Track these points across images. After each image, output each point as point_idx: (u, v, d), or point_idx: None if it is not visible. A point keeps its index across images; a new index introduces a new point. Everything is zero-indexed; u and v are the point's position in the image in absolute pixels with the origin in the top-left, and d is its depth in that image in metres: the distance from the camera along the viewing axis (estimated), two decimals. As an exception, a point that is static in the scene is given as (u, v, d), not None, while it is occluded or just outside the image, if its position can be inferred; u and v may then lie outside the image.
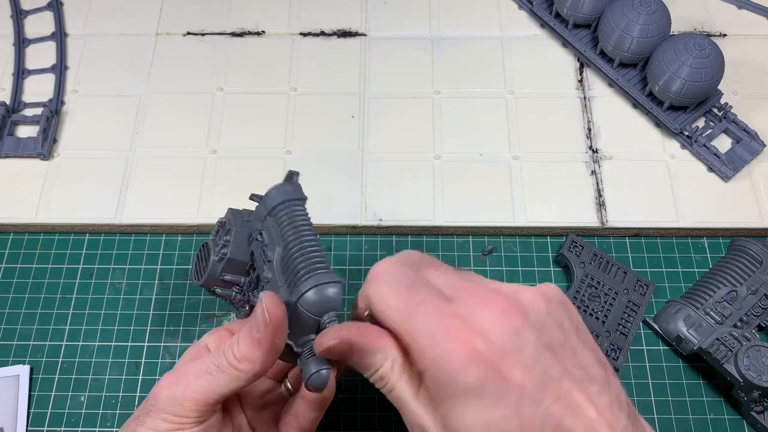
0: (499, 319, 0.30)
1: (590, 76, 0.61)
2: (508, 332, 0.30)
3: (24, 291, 0.52)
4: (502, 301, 0.31)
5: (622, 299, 0.50)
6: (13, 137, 0.57)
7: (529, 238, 0.54)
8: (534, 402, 0.29)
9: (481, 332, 0.30)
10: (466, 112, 0.59)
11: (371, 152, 0.57)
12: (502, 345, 0.30)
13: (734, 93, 0.59)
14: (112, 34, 0.63)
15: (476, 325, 0.30)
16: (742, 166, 0.55)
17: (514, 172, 0.56)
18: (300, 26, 0.64)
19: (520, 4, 0.64)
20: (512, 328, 0.30)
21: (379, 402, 0.47)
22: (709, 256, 0.53)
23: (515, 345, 0.30)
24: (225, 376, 0.34)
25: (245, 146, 0.57)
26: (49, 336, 0.50)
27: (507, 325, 0.30)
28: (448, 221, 0.53)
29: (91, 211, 0.54)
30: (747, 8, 0.64)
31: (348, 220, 0.54)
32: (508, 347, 0.30)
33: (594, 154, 0.57)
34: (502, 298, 0.31)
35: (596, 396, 0.30)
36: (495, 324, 0.30)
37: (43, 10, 0.64)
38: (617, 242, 0.54)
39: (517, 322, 0.30)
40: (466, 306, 0.31)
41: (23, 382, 0.48)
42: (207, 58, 0.61)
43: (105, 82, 0.60)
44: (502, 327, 0.30)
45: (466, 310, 0.31)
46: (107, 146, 0.57)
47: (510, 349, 0.30)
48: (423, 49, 0.62)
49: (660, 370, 0.49)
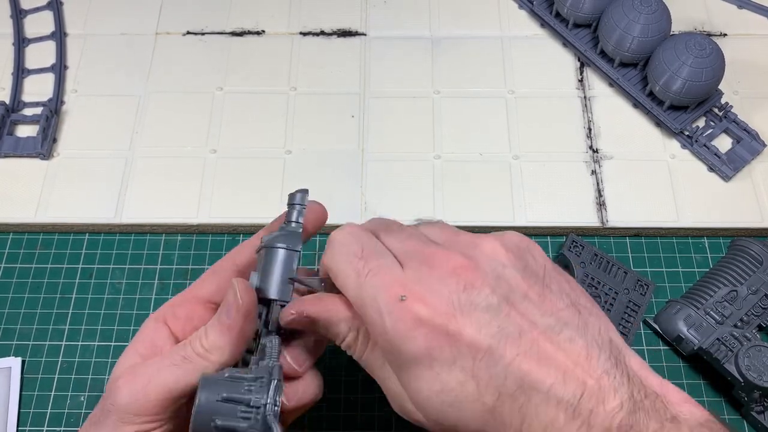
0: (447, 279, 0.29)
1: (590, 75, 0.61)
2: (456, 291, 0.29)
3: (23, 291, 0.52)
4: (451, 259, 0.30)
5: (622, 299, 0.50)
6: (12, 137, 0.57)
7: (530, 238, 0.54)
8: (491, 361, 0.27)
9: (426, 297, 0.29)
10: (466, 112, 0.59)
11: (371, 152, 0.57)
12: (448, 306, 0.28)
13: (735, 93, 0.59)
14: (111, 33, 0.63)
15: (421, 290, 0.29)
16: (742, 166, 0.55)
17: (514, 172, 0.56)
18: (300, 26, 0.63)
19: (520, 4, 0.64)
20: (462, 285, 0.29)
21: (379, 401, 0.47)
22: (709, 256, 0.53)
23: (465, 303, 0.28)
24: (192, 367, 0.31)
25: (245, 146, 0.57)
26: (49, 336, 0.50)
27: (455, 284, 0.29)
28: (449, 221, 0.53)
29: (90, 211, 0.54)
30: (747, 8, 0.64)
31: (348, 220, 0.53)
32: (457, 307, 0.28)
33: (594, 154, 0.57)
34: (451, 256, 0.30)
35: (567, 342, 0.28)
36: (442, 285, 0.29)
37: (42, 10, 0.64)
38: (617, 242, 0.54)
39: (467, 278, 0.29)
40: (413, 271, 0.30)
41: (15, 374, 0.48)
42: (207, 58, 0.61)
43: (105, 82, 0.60)
44: (449, 287, 0.29)
45: (413, 274, 0.30)
46: (107, 146, 0.57)
47: (459, 309, 0.28)
48: (423, 49, 0.62)
49: (660, 370, 0.49)
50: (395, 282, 0.30)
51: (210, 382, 0.31)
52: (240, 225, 0.54)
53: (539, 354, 0.27)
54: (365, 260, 0.31)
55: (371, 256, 0.31)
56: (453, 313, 0.28)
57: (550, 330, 0.28)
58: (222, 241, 0.54)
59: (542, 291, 0.30)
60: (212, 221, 0.53)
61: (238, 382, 0.31)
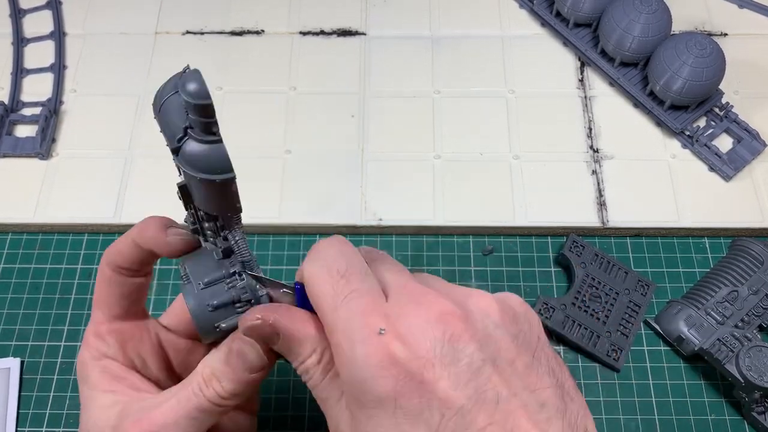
0: (433, 323, 0.26)
1: (591, 75, 0.61)
2: (441, 337, 0.26)
3: (22, 291, 0.52)
4: (440, 304, 0.27)
5: (623, 299, 0.50)
6: (11, 137, 0.56)
7: (530, 238, 0.54)
8: (461, 424, 0.25)
9: (407, 336, 0.26)
10: (466, 111, 0.59)
11: (371, 152, 0.57)
12: (428, 352, 0.25)
13: (735, 92, 0.59)
14: (111, 33, 0.63)
15: (403, 328, 0.26)
16: (743, 166, 0.55)
17: (515, 172, 0.56)
18: (300, 25, 0.63)
19: (520, 3, 0.64)
20: (448, 334, 0.26)
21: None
22: (710, 256, 0.53)
23: (447, 354, 0.25)
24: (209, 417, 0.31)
25: (245, 146, 0.57)
26: (48, 336, 0.50)
27: (440, 330, 0.26)
28: (448, 221, 0.53)
29: (89, 211, 0.54)
30: (748, 7, 0.64)
31: (348, 220, 0.53)
32: (437, 356, 0.25)
33: (595, 154, 0.56)
34: (441, 300, 0.27)
35: (544, 422, 0.25)
36: (426, 328, 0.26)
37: (41, 9, 0.64)
38: (618, 242, 0.54)
39: (454, 328, 0.26)
40: (398, 305, 0.27)
41: (14, 374, 0.48)
42: (206, 57, 0.61)
43: (104, 82, 0.60)
44: (433, 332, 0.26)
45: (397, 309, 0.27)
46: (106, 146, 0.57)
47: (439, 358, 0.25)
48: (423, 49, 0.62)
49: (661, 370, 0.49)
50: (375, 311, 0.27)
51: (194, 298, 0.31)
52: (239, 225, 0.53)
53: (513, 429, 0.25)
54: (347, 279, 0.28)
55: (355, 276, 0.28)
56: (432, 361, 0.25)
57: (530, 405, 0.26)
58: (221, 241, 0.54)
59: (530, 363, 0.27)
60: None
61: (219, 284, 0.31)
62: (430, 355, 0.25)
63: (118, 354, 0.33)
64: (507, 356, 0.27)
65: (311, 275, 0.29)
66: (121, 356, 0.34)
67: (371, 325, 0.26)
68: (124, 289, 0.34)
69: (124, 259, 0.33)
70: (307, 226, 0.54)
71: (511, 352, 0.27)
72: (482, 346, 0.26)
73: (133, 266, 0.34)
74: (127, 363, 0.34)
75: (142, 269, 0.34)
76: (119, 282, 0.34)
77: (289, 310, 0.30)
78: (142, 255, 0.33)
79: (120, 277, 0.33)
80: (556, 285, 0.52)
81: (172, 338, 0.36)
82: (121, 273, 0.33)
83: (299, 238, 0.54)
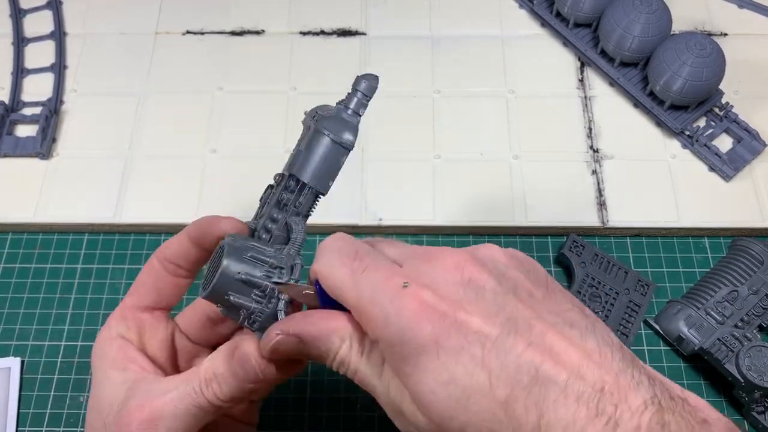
0: (450, 271, 0.28)
1: (591, 75, 0.61)
2: (461, 281, 0.27)
3: (23, 291, 0.52)
4: (452, 256, 0.29)
5: (622, 299, 0.50)
6: (12, 136, 0.57)
7: (530, 237, 0.54)
8: (502, 351, 0.26)
9: (431, 284, 0.27)
10: (466, 111, 0.59)
11: (371, 152, 0.57)
12: (455, 294, 0.27)
13: (735, 92, 0.59)
14: (111, 33, 0.63)
15: (425, 279, 0.28)
16: (743, 166, 0.55)
17: (515, 172, 0.56)
18: (300, 25, 0.63)
19: (520, 3, 0.64)
20: (466, 278, 0.27)
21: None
22: (710, 256, 0.53)
23: (470, 293, 0.27)
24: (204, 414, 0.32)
25: (245, 146, 0.57)
26: (48, 336, 0.50)
27: (459, 276, 0.28)
28: (448, 221, 0.53)
29: (90, 211, 0.54)
30: (748, 7, 0.64)
31: (348, 220, 0.53)
32: (463, 296, 0.27)
33: (595, 154, 0.56)
34: (451, 253, 0.29)
35: (578, 339, 0.26)
36: (446, 276, 0.28)
37: (42, 9, 0.64)
38: (618, 242, 0.54)
39: (471, 271, 0.28)
40: (413, 267, 0.29)
41: (14, 374, 0.48)
42: (206, 57, 0.61)
43: (104, 82, 0.60)
44: (453, 277, 0.28)
45: (413, 269, 0.29)
46: (106, 146, 0.57)
47: (465, 297, 0.27)
48: (423, 49, 0.62)
49: (661, 370, 0.48)
50: (395, 274, 0.28)
51: (235, 256, 0.32)
52: (240, 225, 0.53)
53: (551, 347, 0.26)
54: (359, 260, 0.29)
55: (365, 256, 0.30)
56: (459, 301, 0.27)
57: (559, 326, 0.27)
58: (222, 241, 0.54)
59: (546, 292, 0.28)
60: (212, 221, 0.53)
61: (260, 264, 0.32)
62: (456, 296, 0.27)
63: (134, 338, 0.35)
64: (524, 287, 0.28)
65: (324, 267, 0.30)
66: (136, 341, 0.35)
67: (394, 284, 0.28)
68: (162, 284, 0.36)
69: (173, 253, 0.36)
70: (307, 225, 0.54)
71: (526, 284, 0.28)
72: (500, 281, 0.28)
73: (180, 262, 0.36)
74: (140, 348, 0.35)
75: (188, 267, 0.36)
76: (161, 276, 0.36)
77: (305, 315, 0.31)
78: (191, 252, 0.35)
79: (163, 271, 0.36)
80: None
81: (183, 339, 0.38)
82: (167, 267, 0.36)
83: (299, 238, 0.54)
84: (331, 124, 0.34)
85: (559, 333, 0.26)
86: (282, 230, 0.34)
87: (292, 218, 0.34)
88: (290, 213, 0.34)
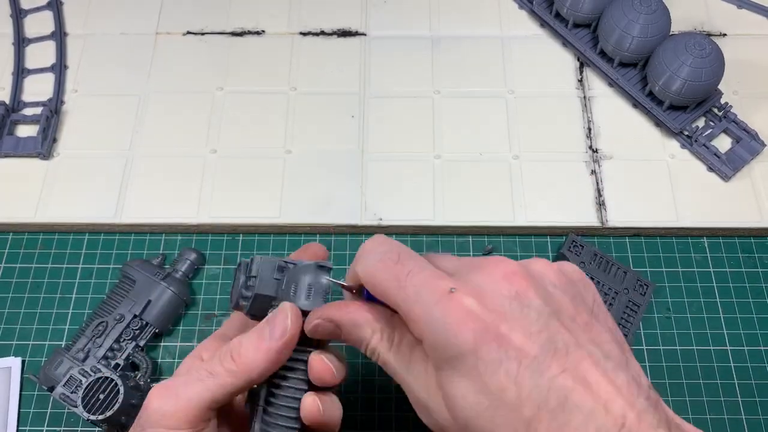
0: (499, 282, 0.28)
1: (590, 75, 0.61)
2: (508, 294, 0.28)
3: (23, 290, 0.52)
4: (503, 266, 0.29)
5: (622, 299, 0.50)
6: (12, 137, 0.57)
7: (529, 237, 0.54)
8: (536, 371, 0.26)
9: (478, 293, 0.28)
10: (466, 111, 0.59)
11: (371, 152, 0.57)
12: (500, 306, 0.27)
13: (734, 93, 0.59)
14: (111, 33, 0.63)
15: (472, 286, 0.28)
16: (742, 166, 0.55)
17: (514, 172, 0.56)
18: (300, 26, 0.64)
19: (520, 4, 0.64)
20: (514, 291, 0.28)
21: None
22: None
23: (516, 308, 0.27)
24: (218, 382, 0.32)
25: (245, 146, 0.57)
26: (49, 336, 0.50)
27: (506, 287, 0.28)
28: (448, 221, 0.53)
29: (90, 211, 0.54)
30: (747, 8, 0.64)
31: (348, 220, 0.54)
32: (508, 310, 0.27)
33: (594, 154, 0.57)
34: (503, 263, 0.29)
35: (611, 372, 0.27)
36: (494, 286, 0.28)
37: (42, 10, 0.64)
38: (617, 242, 0.54)
39: (520, 285, 0.28)
40: (462, 273, 0.29)
41: (15, 374, 0.48)
42: (207, 58, 0.61)
43: (105, 82, 0.60)
44: (501, 288, 0.28)
45: (461, 276, 0.29)
46: (107, 146, 0.57)
47: (510, 311, 0.27)
48: (423, 49, 0.62)
49: (660, 370, 0.49)
50: (441, 278, 0.29)
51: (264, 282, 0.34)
52: (240, 225, 0.54)
53: (585, 376, 0.26)
54: (402, 263, 0.30)
55: (410, 259, 0.30)
56: (504, 314, 0.27)
57: (595, 355, 0.27)
58: (222, 241, 0.54)
59: (589, 320, 0.29)
60: (212, 221, 0.53)
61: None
62: (502, 309, 0.27)
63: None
64: (568, 312, 0.28)
65: (368, 270, 0.31)
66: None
67: (441, 287, 0.28)
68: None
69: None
70: (308, 225, 0.54)
71: (570, 309, 0.29)
72: (546, 301, 0.28)
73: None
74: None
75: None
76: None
77: (342, 304, 0.32)
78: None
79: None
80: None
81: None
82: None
83: (299, 238, 0.54)
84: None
85: (595, 363, 0.27)
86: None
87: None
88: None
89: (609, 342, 0.28)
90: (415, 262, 0.30)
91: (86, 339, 0.47)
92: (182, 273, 0.51)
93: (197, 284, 0.52)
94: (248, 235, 0.54)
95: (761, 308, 0.51)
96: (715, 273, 0.53)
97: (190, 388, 0.32)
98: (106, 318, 0.48)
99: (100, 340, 0.47)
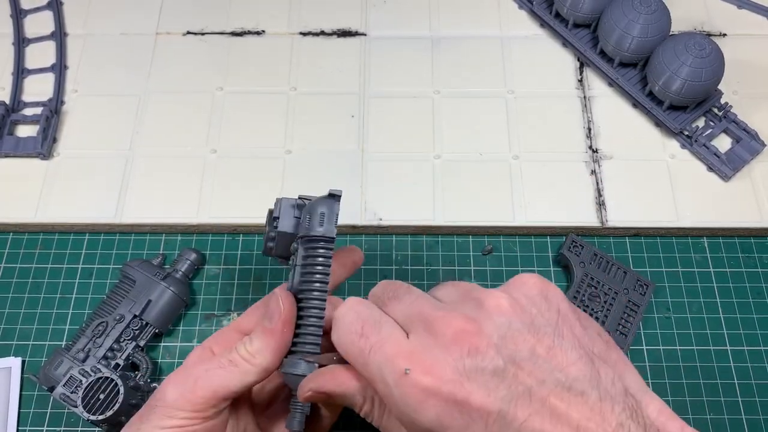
0: (450, 346, 0.29)
1: (590, 75, 0.61)
2: (461, 358, 0.29)
3: (23, 291, 0.52)
4: (454, 324, 0.30)
5: (621, 299, 0.50)
6: (12, 137, 0.57)
7: (529, 237, 0.54)
8: (504, 424, 0.28)
9: (432, 367, 0.29)
10: (466, 111, 0.59)
11: (371, 152, 0.57)
12: (454, 373, 0.28)
13: (734, 93, 0.59)
14: (111, 33, 0.63)
15: (426, 360, 0.29)
16: (742, 166, 0.55)
17: (514, 172, 0.56)
18: (300, 26, 0.64)
19: (519, 4, 0.64)
20: (465, 352, 0.29)
21: None
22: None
23: (470, 369, 0.28)
24: (237, 371, 0.34)
25: (245, 146, 0.57)
26: (49, 336, 0.50)
27: (459, 350, 0.29)
28: (448, 221, 0.53)
29: (90, 211, 0.54)
30: (747, 8, 0.64)
31: (348, 220, 0.54)
32: (463, 374, 0.28)
33: (594, 154, 0.57)
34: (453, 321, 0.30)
35: (579, 397, 0.28)
36: (446, 352, 0.29)
37: (42, 10, 0.64)
38: (617, 242, 0.54)
39: (471, 343, 0.29)
40: (418, 338, 0.30)
41: (15, 374, 0.48)
42: (207, 58, 0.61)
43: (105, 82, 0.60)
44: (453, 354, 0.29)
45: (417, 343, 0.30)
46: (107, 146, 0.57)
47: (465, 375, 0.28)
48: (423, 49, 0.62)
49: (660, 370, 0.49)
50: (398, 354, 0.30)
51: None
52: (240, 225, 0.54)
53: (551, 412, 0.27)
54: (366, 337, 0.31)
55: (372, 331, 0.31)
56: (460, 380, 0.28)
57: (560, 386, 0.28)
58: (222, 241, 0.54)
59: (551, 344, 0.29)
60: (212, 221, 0.53)
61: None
62: (456, 375, 0.28)
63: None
64: (526, 348, 0.29)
65: (338, 344, 0.33)
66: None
67: (397, 368, 0.29)
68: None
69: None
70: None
71: (529, 341, 0.29)
72: (500, 349, 0.29)
73: None
74: None
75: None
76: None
77: (332, 373, 0.33)
78: None
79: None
80: (556, 284, 0.52)
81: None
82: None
83: (299, 238, 0.54)
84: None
85: (559, 396, 0.28)
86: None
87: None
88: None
89: (575, 362, 0.29)
90: (377, 334, 0.31)
91: (86, 339, 0.47)
92: (182, 273, 0.51)
93: (197, 284, 0.52)
94: (248, 235, 0.54)
95: (761, 308, 0.51)
96: (715, 273, 0.53)
97: (210, 375, 0.34)
98: (106, 318, 0.48)
99: (100, 340, 0.47)
